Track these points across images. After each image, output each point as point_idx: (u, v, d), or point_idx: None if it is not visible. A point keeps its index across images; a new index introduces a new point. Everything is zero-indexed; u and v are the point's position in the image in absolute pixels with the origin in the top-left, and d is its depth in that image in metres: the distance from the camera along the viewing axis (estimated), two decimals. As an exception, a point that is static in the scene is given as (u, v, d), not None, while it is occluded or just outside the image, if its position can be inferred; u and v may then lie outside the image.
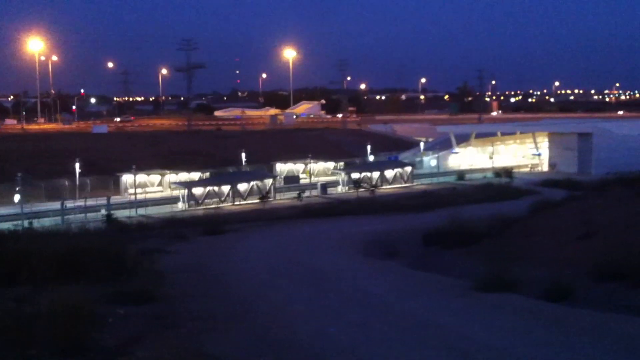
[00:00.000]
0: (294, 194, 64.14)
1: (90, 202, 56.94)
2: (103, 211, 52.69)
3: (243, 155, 77.14)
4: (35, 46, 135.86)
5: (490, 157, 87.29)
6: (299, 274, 17.51)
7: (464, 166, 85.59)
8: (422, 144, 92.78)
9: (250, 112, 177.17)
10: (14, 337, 8.36)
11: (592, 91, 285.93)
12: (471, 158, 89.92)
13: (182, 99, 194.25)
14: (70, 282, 11.74)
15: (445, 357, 9.13)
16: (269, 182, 64.82)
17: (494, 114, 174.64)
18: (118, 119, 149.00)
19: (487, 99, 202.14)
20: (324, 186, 68.18)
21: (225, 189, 62.06)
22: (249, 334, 10.24)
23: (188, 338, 9.74)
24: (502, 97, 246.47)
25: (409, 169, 75.78)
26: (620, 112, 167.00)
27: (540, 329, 10.43)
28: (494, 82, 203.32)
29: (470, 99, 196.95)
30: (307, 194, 64.70)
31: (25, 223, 47.00)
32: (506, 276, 13.41)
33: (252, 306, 12.57)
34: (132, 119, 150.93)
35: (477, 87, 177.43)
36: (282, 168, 76.98)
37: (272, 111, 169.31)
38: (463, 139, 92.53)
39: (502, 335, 10.12)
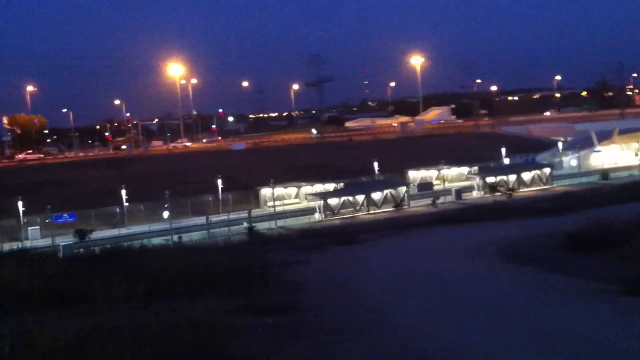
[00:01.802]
0: (428, 200, 63.68)
1: (233, 215, 59.51)
2: (245, 224, 54.94)
3: (375, 164, 77.53)
4: (176, 71, 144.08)
5: (636, 154, 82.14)
6: (435, 287, 16.90)
7: (607, 165, 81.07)
8: (560, 144, 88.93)
9: (380, 121, 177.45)
10: (153, 349, 8.91)
11: None
12: (615, 156, 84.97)
13: (313, 112, 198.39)
14: (210, 295, 12.44)
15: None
16: (402, 189, 64.81)
17: (636, 108, 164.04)
18: (205, 140, 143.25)
19: (629, 93, 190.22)
20: (459, 191, 67.13)
21: (360, 198, 62.74)
22: (384, 347, 10.19)
23: (322, 348, 9.90)
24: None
25: (547, 170, 72.96)
26: None
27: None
28: (635, 75, 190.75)
29: (610, 94, 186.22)
30: (441, 200, 63.99)
31: (175, 237, 49.99)
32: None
33: (385, 317, 12.48)
34: (219, 138, 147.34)
35: (617, 81, 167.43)
36: (415, 175, 76.60)
37: (402, 119, 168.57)
38: (605, 136, 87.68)
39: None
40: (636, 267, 14.40)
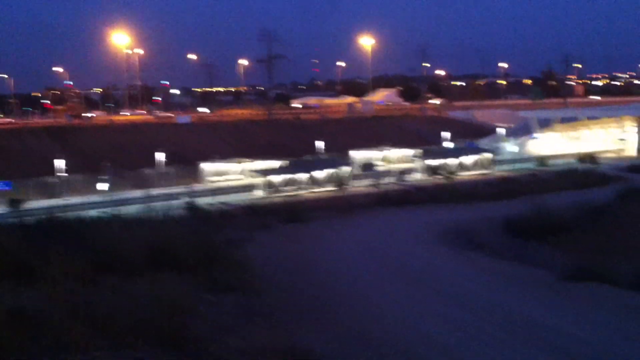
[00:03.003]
0: (371, 181, 63.98)
1: (174, 190, 58.58)
2: (185, 198, 54.09)
3: (321, 143, 77.45)
4: (122, 40, 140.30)
5: (574, 142, 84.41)
6: (383, 266, 17.40)
7: (546, 152, 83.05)
8: (502, 130, 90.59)
9: (328, 101, 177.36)
10: (111, 326, 8.63)
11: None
12: (554, 143, 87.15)
13: (261, 89, 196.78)
14: (162, 271, 12.09)
15: (540, 352, 8.93)
16: (346, 170, 64.88)
17: (577, 98, 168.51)
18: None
19: (572, 83, 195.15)
20: (401, 173, 67.64)
21: (303, 177, 62.54)
22: (340, 329, 10.24)
23: (278, 329, 9.85)
24: (587, 81, 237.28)
25: (488, 155, 74.18)
26: None
27: (634, 322, 10.09)
28: (579, 65, 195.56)
29: (554, 83, 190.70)
30: (384, 181, 64.41)
31: (112, 210, 48.85)
32: (596, 268, 13.00)
33: (340, 298, 12.56)
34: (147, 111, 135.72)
35: (561, 71, 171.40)
36: (359, 156, 76.83)
37: (350, 99, 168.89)
38: (546, 124, 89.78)
39: (597, 330, 9.82)
40: (575, 254, 14.66)
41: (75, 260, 12.64)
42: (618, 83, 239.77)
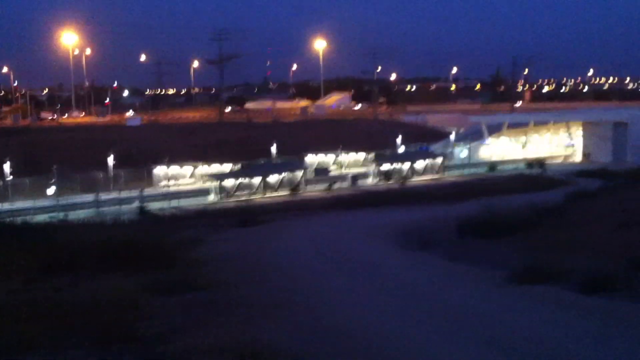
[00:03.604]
0: (325, 185, 64.13)
1: (124, 194, 57.56)
2: (136, 203, 53.27)
3: (274, 147, 77.21)
4: (69, 39, 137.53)
5: (523, 147, 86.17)
6: (335, 264, 17.57)
7: (496, 157, 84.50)
8: (452, 135, 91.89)
9: (281, 104, 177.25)
10: (55, 325, 8.42)
11: (627, 79, 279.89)
12: (503, 149, 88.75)
13: (213, 90, 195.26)
14: (110, 272, 11.87)
15: (485, 348, 9.08)
16: (299, 173, 64.87)
17: (525, 103, 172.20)
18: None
19: (521, 88, 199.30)
20: (355, 178, 68.01)
21: (256, 180, 62.27)
22: (293, 323, 10.32)
23: (233, 326, 9.78)
24: (535, 86, 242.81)
25: (439, 160, 75.22)
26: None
27: (579, 320, 10.30)
28: (527, 70, 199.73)
29: (503, 88, 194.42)
30: (337, 185, 64.63)
31: (61, 215, 47.76)
32: (544, 267, 13.27)
33: (293, 295, 12.64)
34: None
35: (510, 76, 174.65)
36: (313, 160, 76.81)
37: (303, 102, 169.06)
38: (495, 129, 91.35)
39: (541, 326, 10.02)
40: (524, 255, 14.94)
41: (21, 261, 12.33)
42: (565, 88, 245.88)
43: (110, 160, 62.65)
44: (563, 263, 14.39)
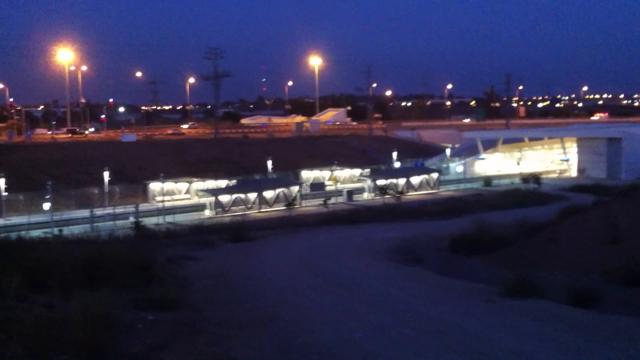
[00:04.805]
0: (320, 201, 64.19)
1: (119, 209, 57.52)
2: (131, 219, 53.21)
3: (269, 162, 77.36)
4: (65, 56, 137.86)
5: (518, 163, 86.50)
6: (324, 280, 17.53)
7: (491, 172, 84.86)
8: (448, 150, 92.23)
9: (277, 120, 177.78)
10: (41, 343, 8.38)
11: (621, 95, 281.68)
12: (498, 164, 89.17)
13: (209, 107, 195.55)
14: (98, 288, 11.85)
15: (458, 356, 9.11)
16: (295, 189, 64.95)
17: (519, 119, 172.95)
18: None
19: (514, 104, 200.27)
20: (350, 193, 68.12)
21: (252, 196, 62.31)
22: (274, 340, 10.28)
23: (213, 344, 9.76)
24: (529, 102, 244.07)
25: (435, 175, 75.42)
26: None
27: (567, 334, 10.34)
28: (521, 87, 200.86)
29: (497, 104, 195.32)
30: (333, 200, 64.65)
31: (55, 231, 47.70)
32: (532, 282, 13.31)
33: (277, 312, 12.61)
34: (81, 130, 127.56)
35: (504, 92, 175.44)
36: (308, 175, 77.02)
37: (298, 118, 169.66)
38: (490, 145, 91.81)
39: (528, 341, 10.05)
40: (513, 270, 14.97)
41: (8, 277, 12.28)
42: (559, 105, 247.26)
43: (106, 176, 62.69)
44: (551, 278, 14.46)
